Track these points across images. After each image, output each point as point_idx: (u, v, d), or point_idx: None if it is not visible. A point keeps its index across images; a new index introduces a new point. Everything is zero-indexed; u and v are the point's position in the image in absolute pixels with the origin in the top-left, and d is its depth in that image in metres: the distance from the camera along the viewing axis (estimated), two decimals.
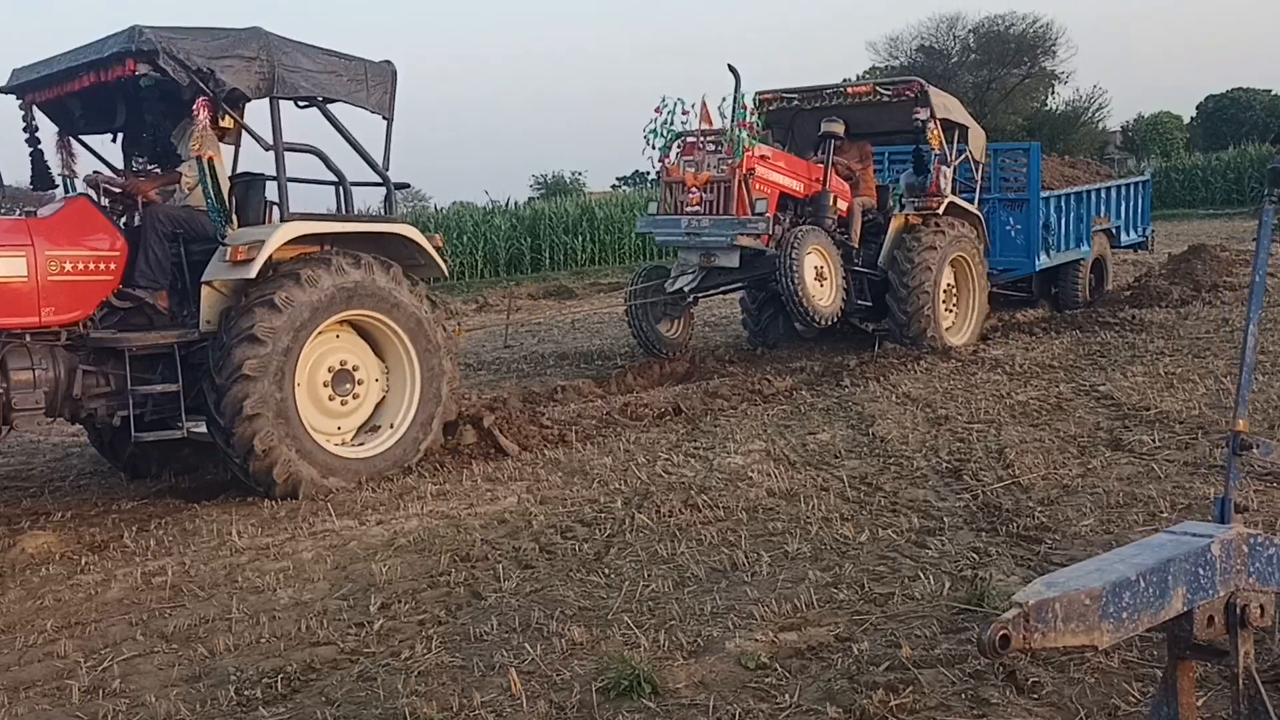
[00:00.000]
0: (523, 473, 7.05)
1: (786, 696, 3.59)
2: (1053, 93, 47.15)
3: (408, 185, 7.86)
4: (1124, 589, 2.22)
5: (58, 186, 7.59)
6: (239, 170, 7.88)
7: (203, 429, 6.80)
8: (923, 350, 10.98)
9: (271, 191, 7.47)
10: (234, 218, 7.06)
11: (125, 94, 7.14)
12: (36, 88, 7.20)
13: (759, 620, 4.24)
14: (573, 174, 51.11)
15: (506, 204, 32.95)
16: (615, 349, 13.56)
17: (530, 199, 40.51)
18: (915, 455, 6.86)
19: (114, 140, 7.97)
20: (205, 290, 6.80)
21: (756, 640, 4.06)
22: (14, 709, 3.88)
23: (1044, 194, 13.89)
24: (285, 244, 6.86)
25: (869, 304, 11.47)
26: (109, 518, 6.79)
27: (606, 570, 4.99)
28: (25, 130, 7.47)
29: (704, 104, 10.81)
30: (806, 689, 3.64)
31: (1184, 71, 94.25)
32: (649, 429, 8.30)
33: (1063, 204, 14.32)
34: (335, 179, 7.46)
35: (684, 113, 10.87)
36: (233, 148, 7.81)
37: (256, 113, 7.30)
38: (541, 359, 13.14)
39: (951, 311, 11.79)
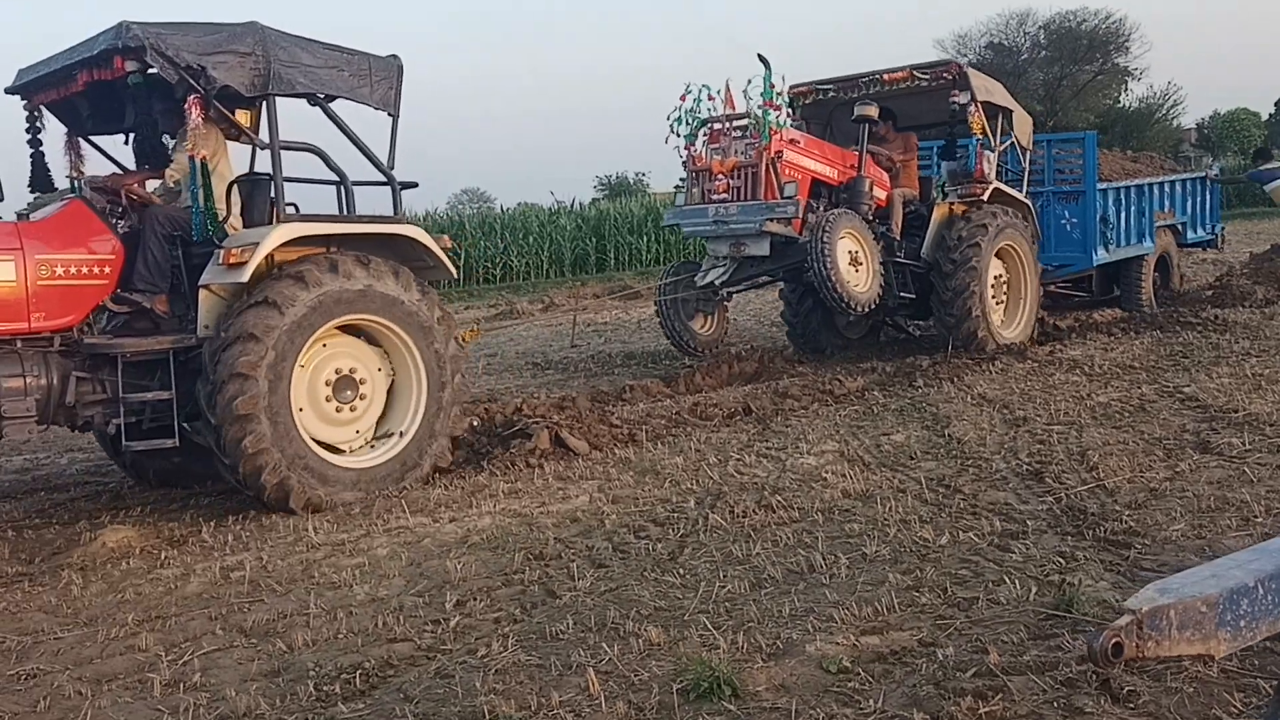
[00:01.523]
0: (594, 472, 7.02)
1: (870, 702, 3.50)
2: (1126, 89, 46.25)
3: (415, 184, 7.60)
4: (1242, 596, 2.12)
5: (58, 189, 7.41)
6: (256, 169, 7.67)
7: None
8: (973, 353, 10.58)
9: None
10: (232, 219, 6.92)
11: (132, 93, 7.01)
12: (40, 87, 7.07)
13: (839, 623, 4.16)
14: (636, 175, 51.19)
15: (571, 205, 33.07)
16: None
17: (595, 200, 40.64)
18: (993, 457, 6.71)
19: (126, 142, 7.85)
20: (203, 294, 6.63)
21: (837, 644, 3.98)
22: (97, 701, 3.91)
23: (1101, 186, 13.40)
24: (288, 246, 6.68)
25: (912, 296, 11.07)
26: (187, 513, 6.90)
27: (681, 570, 4.94)
28: (28, 131, 7.34)
29: (728, 88, 10.49)
30: (891, 694, 3.56)
31: (1262, 67, 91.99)
32: (719, 429, 8.23)
33: (1122, 197, 13.81)
34: (336, 178, 7.26)
35: (709, 99, 10.53)
36: (250, 146, 7.68)
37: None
38: (609, 359, 13.13)
39: (1001, 304, 11.38)
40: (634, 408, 9.12)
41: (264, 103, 6.81)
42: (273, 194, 6.89)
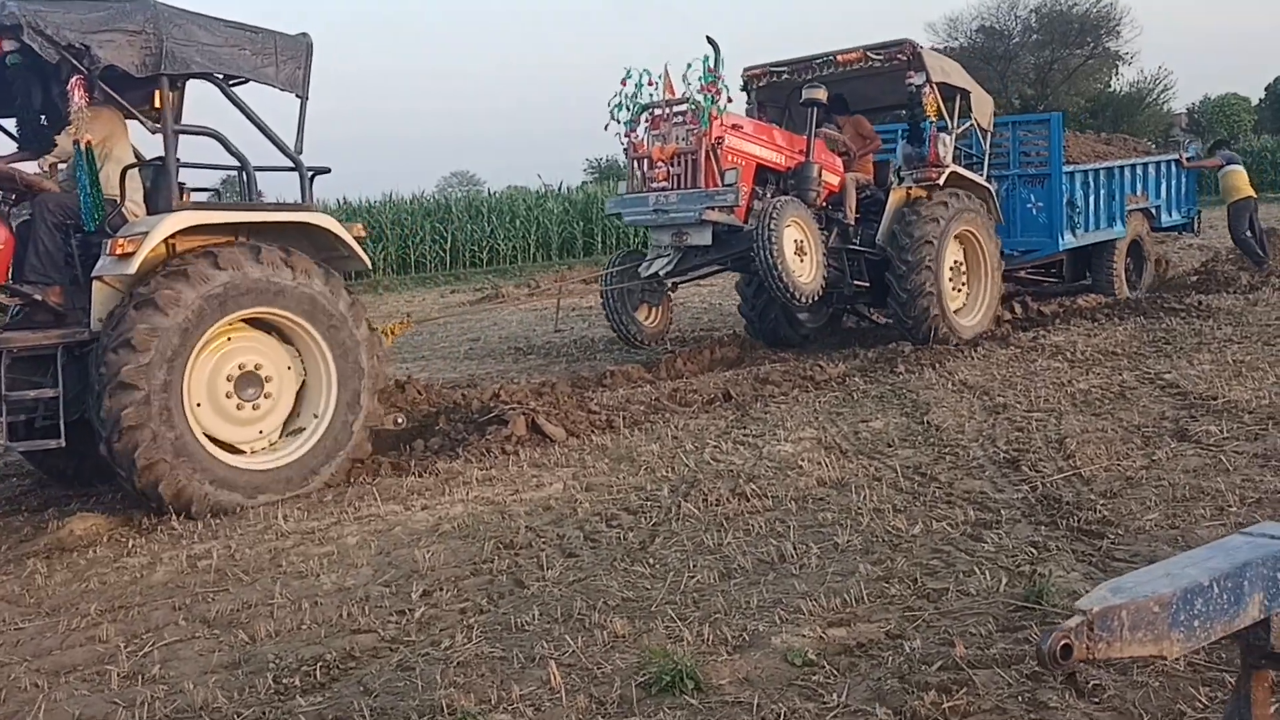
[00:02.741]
0: (569, 459, 6.97)
1: (834, 696, 3.46)
2: (1116, 74, 46.16)
3: (327, 170, 7.27)
4: (1196, 595, 2.06)
5: None
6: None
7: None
8: (925, 339, 10.36)
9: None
10: (132, 206, 6.60)
11: (11, 73, 6.63)
12: None
13: (806, 615, 4.12)
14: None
15: (559, 188, 32.92)
16: (667, 334, 13.43)
17: (584, 183, 40.48)
18: (971, 445, 6.67)
19: (41, 123, 7.38)
20: (96, 286, 6.28)
21: (804, 636, 3.93)
22: (53, 694, 3.86)
23: (1068, 168, 12.99)
24: (193, 235, 6.42)
25: (867, 284, 10.82)
26: None
27: (651, 560, 4.89)
28: None
29: (666, 72, 10.14)
30: (855, 688, 3.51)
31: (1252, 53, 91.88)
32: (698, 415, 8.18)
33: (1090, 180, 13.43)
34: (238, 163, 6.94)
35: (650, 84, 10.15)
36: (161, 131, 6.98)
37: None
38: (592, 344, 13.07)
39: (960, 292, 11.13)
40: (614, 393, 9.07)
41: (165, 82, 6.45)
42: (170, 180, 6.57)
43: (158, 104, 6.65)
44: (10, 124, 7.43)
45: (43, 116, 7.26)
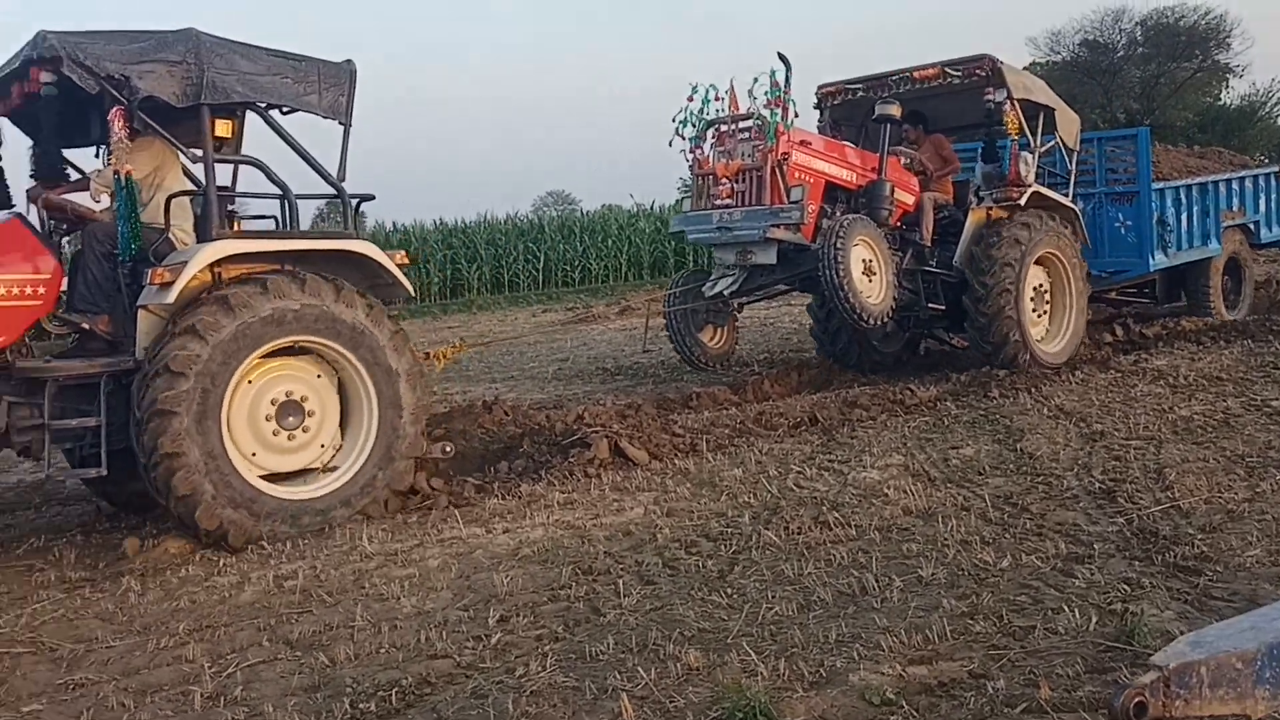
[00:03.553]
0: (651, 483, 6.94)
1: None
2: (1227, 87, 44.67)
3: (372, 197, 7.25)
4: None
5: (14, 205, 7.05)
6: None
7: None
8: (1005, 366, 9.94)
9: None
10: (181, 234, 6.66)
11: (96, 104, 6.58)
12: None
13: (887, 651, 4.02)
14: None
15: (652, 207, 33.03)
16: (753, 355, 13.38)
17: (678, 201, 40.49)
18: (1066, 474, 6.48)
19: (96, 155, 7.44)
20: (141, 315, 6.31)
21: (883, 673, 3.84)
22: (138, 713, 3.95)
23: (1158, 185, 12.42)
24: (237, 263, 6.44)
25: (943, 308, 10.45)
26: None
27: (729, 590, 4.83)
28: None
29: (732, 87, 9.85)
30: None
31: None
32: (783, 439, 8.09)
33: (1182, 196, 12.83)
34: (280, 192, 6.91)
35: (716, 99, 9.89)
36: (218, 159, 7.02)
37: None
38: (679, 365, 12.97)
39: (1043, 317, 10.66)
40: (698, 416, 9.02)
41: (206, 112, 6.43)
42: (209, 210, 6.55)
43: (219, 133, 6.73)
44: (73, 154, 7.47)
45: (100, 148, 7.33)
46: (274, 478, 6.55)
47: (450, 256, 29.54)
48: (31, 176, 7.16)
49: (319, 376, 6.75)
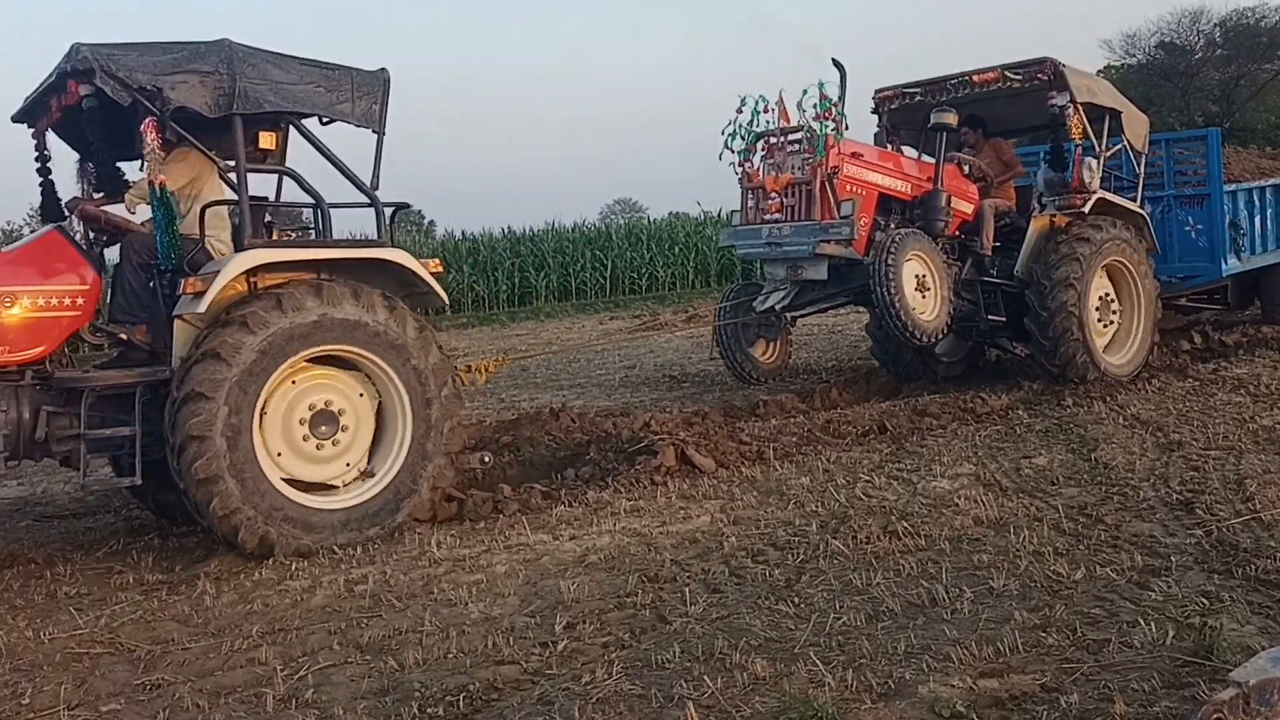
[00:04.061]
0: (718, 491, 6.93)
1: None
2: None
3: (407, 205, 7.30)
4: None
5: (67, 218, 7.06)
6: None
7: None
8: (1074, 382, 9.60)
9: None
10: (218, 244, 6.67)
11: (88, 116, 6.51)
12: (36, 114, 6.86)
13: (956, 663, 3.96)
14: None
15: (719, 215, 33.00)
16: (821, 363, 13.31)
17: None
18: (1142, 484, 6.34)
19: (140, 168, 7.25)
20: (177, 325, 6.30)
21: (953, 686, 3.79)
22: (212, 714, 4.03)
23: (1229, 187, 12.06)
24: (274, 271, 6.42)
25: (1003, 320, 10.12)
26: None
27: (796, 599, 4.80)
28: (36, 159, 7.09)
29: (781, 99, 9.64)
30: None
31: None
32: (851, 448, 8.02)
33: (1255, 199, 12.41)
34: (313, 201, 6.89)
35: (765, 111, 9.70)
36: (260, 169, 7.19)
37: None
38: None
39: (1110, 326, 10.26)
40: (766, 424, 8.97)
41: (239, 122, 6.40)
42: (244, 219, 6.51)
43: (263, 145, 6.79)
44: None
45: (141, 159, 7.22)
46: (302, 486, 6.49)
47: (518, 265, 29.79)
48: (91, 190, 7.24)
49: (360, 395, 6.71)
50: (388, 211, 7.08)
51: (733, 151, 9.93)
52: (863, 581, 4.95)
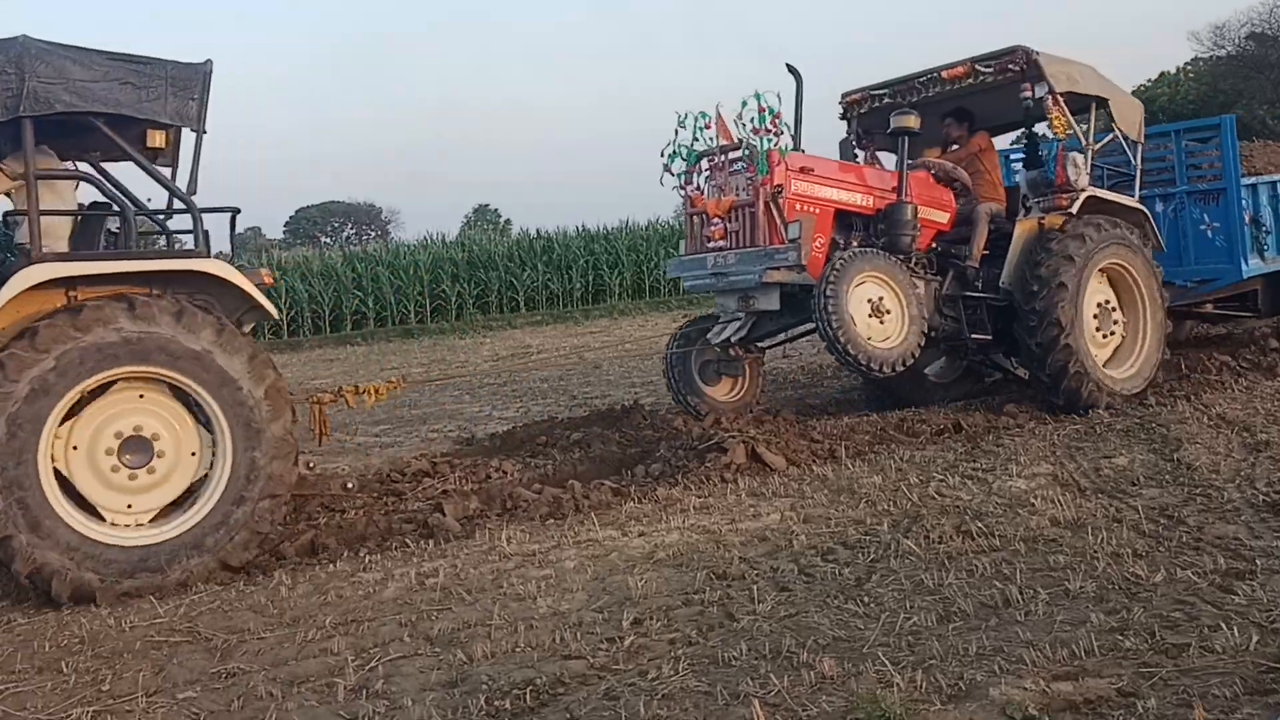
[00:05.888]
0: (788, 489, 6.88)
1: None
2: None
3: (237, 210, 6.80)
4: None
5: None
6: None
7: None
8: (1068, 401, 8.77)
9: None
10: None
11: None
12: None
13: (1030, 666, 3.88)
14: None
15: None
16: None
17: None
18: (1227, 485, 6.16)
19: None
20: None
21: (1025, 689, 3.71)
22: (285, 703, 4.09)
23: (1248, 181, 11.01)
24: (97, 285, 5.95)
25: (988, 337, 9.17)
26: (395, 516, 7.16)
27: (866, 598, 4.74)
28: None
29: (719, 114, 8.66)
30: None
31: None
32: (924, 446, 7.91)
33: (1277, 193, 11.35)
34: (117, 208, 6.43)
35: (707, 127, 8.76)
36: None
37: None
38: (819, 370, 12.90)
39: (1110, 337, 9.33)
40: (838, 422, 8.88)
41: (28, 124, 5.86)
42: (34, 229, 5.93)
43: (152, 144, 6.41)
44: None
45: None
46: (98, 515, 5.94)
47: (592, 263, 29.90)
48: None
49: (188, 422, 6.16)
50: (225, 218, 6.67)
51: (673, 174, 9.10)
52: (934, 581, 4.88)
